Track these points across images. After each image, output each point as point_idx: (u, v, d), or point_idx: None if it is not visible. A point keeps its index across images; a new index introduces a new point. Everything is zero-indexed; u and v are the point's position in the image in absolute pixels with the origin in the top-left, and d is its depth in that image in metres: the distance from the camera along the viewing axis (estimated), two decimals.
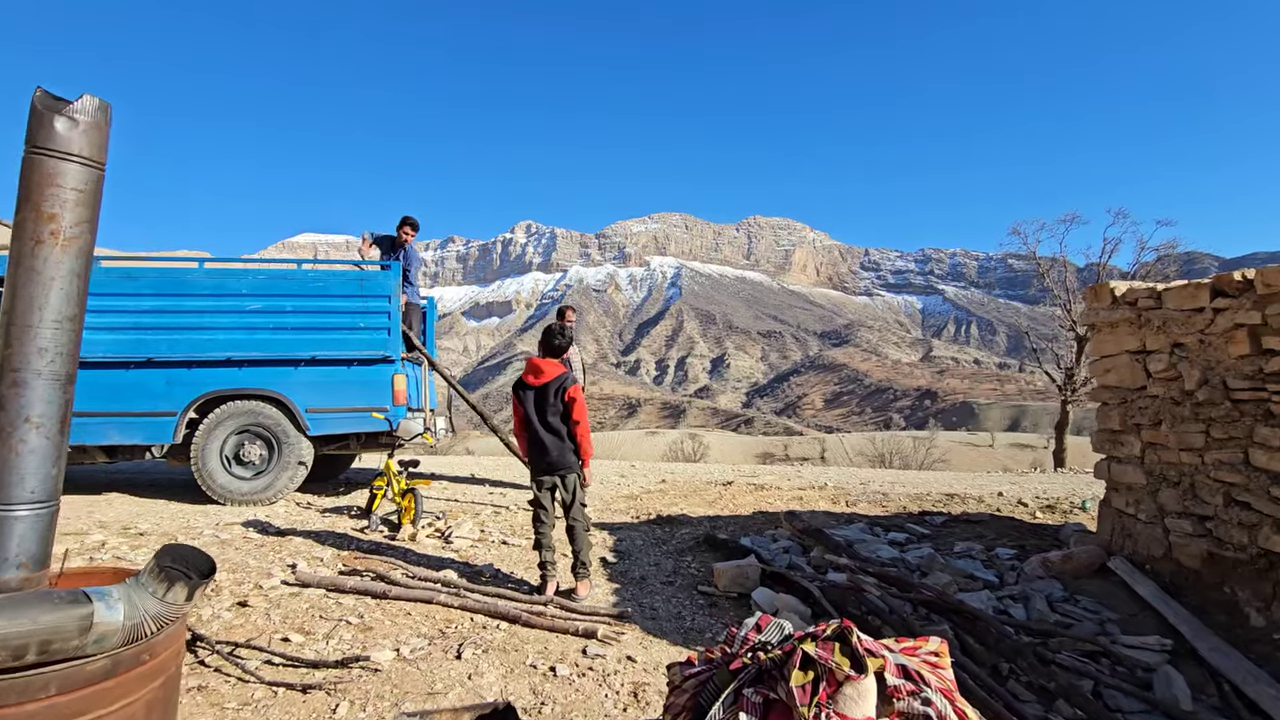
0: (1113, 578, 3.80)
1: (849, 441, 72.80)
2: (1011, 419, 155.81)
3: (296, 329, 5.92)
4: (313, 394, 5.96)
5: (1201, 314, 3.50)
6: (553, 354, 3.95)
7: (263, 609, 3.54)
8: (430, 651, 3.13)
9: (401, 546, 4.74)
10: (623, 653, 3.17)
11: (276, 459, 5.92)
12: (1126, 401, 4.00)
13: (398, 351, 6.12)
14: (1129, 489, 4.00)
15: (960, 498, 7.28)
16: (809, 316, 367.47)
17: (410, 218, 7.14)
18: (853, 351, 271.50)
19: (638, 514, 6.01)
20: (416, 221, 7.13)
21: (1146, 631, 3.32)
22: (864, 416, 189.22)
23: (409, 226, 7.07)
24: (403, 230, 7.04)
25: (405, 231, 7.05)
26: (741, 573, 3.97)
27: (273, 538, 4.84)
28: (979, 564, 4.31)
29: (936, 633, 3.20)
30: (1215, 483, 3.44)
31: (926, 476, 10.44)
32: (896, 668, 1.79)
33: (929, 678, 1.80)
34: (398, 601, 3.68)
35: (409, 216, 7.14)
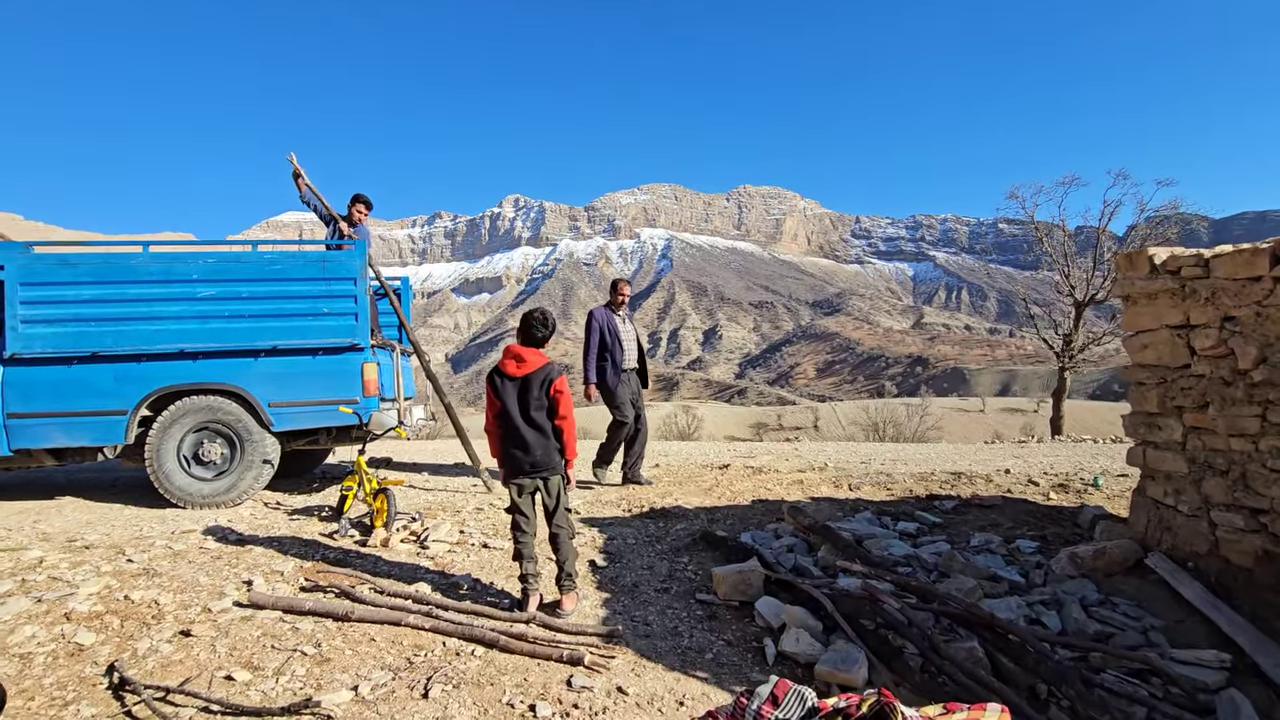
0: (1151, 576, 3.46)
1: (842, 410, 72.88)
2: (1002, 384, 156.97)
3: (254, 317, 5.44)
4: (276, 387, 5.51)
5: (1259, 283, 3.10)
6: (534, 343, 3.52)
7: (208, 639, 3.14)
8: (394, 689, 2.75)
9: (372, 554, 4.34)
10: (612, 683, 2.81)
11: (239, 458, 5.49)
12: (1166, 381, 3.61)
13: (367, 338, 5.66)
14: (1168, 478, 3.64)
15: (968, 477, 6.95)
16: (800, 286, 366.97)
17: (363, 195, 6.62)
18: (844, 320, 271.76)
19: (629, 506, 5.64)
20: (369, 200, 6.60)
21: (1194, 640, 2.98)
22: (856, 385, 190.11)
23: (362, 204, 6.56)
24: (355, 208, 6.52)
25: (358, 210, 6.53)
26: (743, 579, 3.61)
27: (231, 547, 4.44)
28: (1000, 559, 3.97)
29: (965, 650, 2.85)
30: (1272, 472, 3.08)
31: (928, 451, 10.14)
32: None
33: None
34: (362, 624, 3.29)
35: (361, 194, 6.62)
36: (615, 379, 6.18)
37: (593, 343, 6.23)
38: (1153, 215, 19.46)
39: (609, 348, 6.20)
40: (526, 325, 3.54)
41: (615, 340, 6.21)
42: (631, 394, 6.33)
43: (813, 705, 1.53)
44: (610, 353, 6.18)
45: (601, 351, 6.20)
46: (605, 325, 6.24)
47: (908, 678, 2.69)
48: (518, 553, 3.52)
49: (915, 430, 34.58)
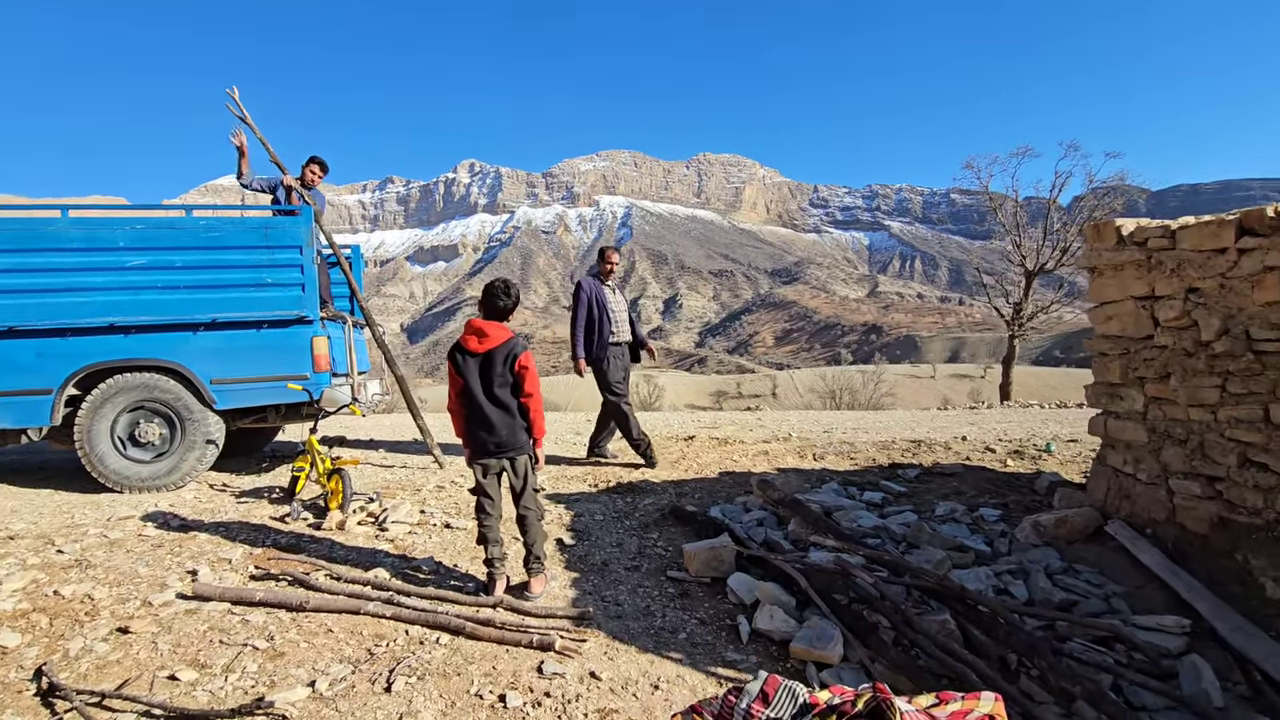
0: (1111, 543, 3.54)
1: (799, 378, 74.23)
2: (952, 350, 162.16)
3: (191, 287, 5.07)
4: (217, 362, 5.17)
5: (1224, 255, 3.12)
6: (497, 316, 3.33)
7: (149, 636, 2.93)
8: (354, 683, 2.61)
9: (327, 538, 4.15)
10: (585, 668, 2.72)
11: (180, 438, 5.17)
12: (1129, 353, 3.65)
13: (316, 310, 5.35)
14: (1128, 447, 3.71)
15: (927, 444, 7.07)
16: (759, 255, 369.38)
17: (318, 157, 6.22)
18: (802, 289, 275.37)
19: (596, 481, 5.54)
20: (325, 163, 6.21)
21: (1154, 605, 3.06)
22: (813, 352, 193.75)
23: (317, 166, 6.16)
24: (309, 169, 6.13)
25: (312, 171, 6.14)
26: (715, 555, 3.56)
27: (174, 534, 4.18)
28: (965, 528, 4.02)
29: (937, 623, 2.85)
30: (1229, 441, 3.15)
31: (886, 419, 10.32)
32: None
33: None
34: (318, 614, 3.13)
35: (317, 156, 6.23)
36: (604, 354, 5.82)
37: (580, 315, 5.83)
38: (1099, 186, 20.02)
39: (597, 320, 5.83)
40: (489, 296, 3.35)
41: (604, 312, 5.84)
42: (624, 370, 5.98)
43: (804, 702, 1.46)
44: (599, 326, 5.81)
45: (590, 325, 5.83)
46: (594, 296, 5.84)
47: (883, 653, 2.68)
48: (482, 536, 3.38)
49: (870, 397, 35.46)
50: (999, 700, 1.49)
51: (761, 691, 1.49)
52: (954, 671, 2.55)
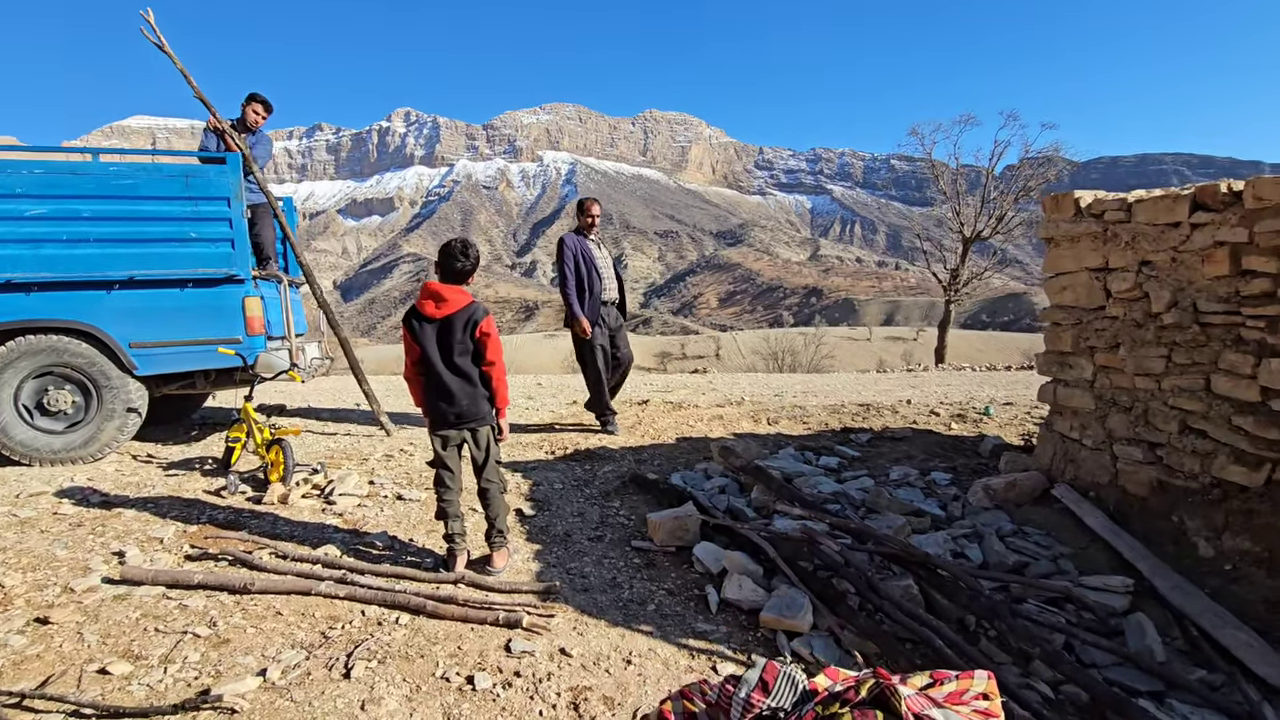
0: (1056, 505, 3.70)
1: (743, 340, 75.54)
2: (887, 314, 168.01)
3: (102, 241, 4.58)
4: (137, 324, 4.73)
5: (1177, 229, 3.21)
6: (455, 279, 3.11)
7: (73, 626, 2.69)
8: (310, 669, 2.46)
9: (269, 513, 3.91)
10: (555, 645, 2.65)
11: (97, 406, 4.74)
12: (1081, 323, 3.76)
13: (247, 268, 4.95)
14: (1075, 413, 3.86)
15: (875, 408, 7.25)
16: (705, 216, 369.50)
17: (260, 95, 5.66)
18: (746, 251, 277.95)
19: (553, 448, 5.43)
20: (268, 101, 5.67)
21: (1098, 566, 3.22)
22: (756, 314, 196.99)
23: (259, 105, 5.62)
24: (250, 109, 5.59)
25: (254, 111, 5.61)
26: (680, 524, 3.53)
27: (95, 511, 3.86)
28: (919, 493, 4.13)
29: (901, 588, 2.91)
30: (1171, 409, 3.30)
31: (833, 382, 10.55)
32: None
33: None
34: (265, 596, 2.94)
35: (258, 94, 5.66)
36: (594, 314, 5.52)
37: (569, 274, 5.49)
38: (1034, 156, 20.72)
39: (584, 278, 5.48)
40: (446, 257, 3.13)
41: (591, 268, 5.48)
42: (610, 330, 5.70)
43: (804, 689, 1.42)
44: (589, 284, 5.47)
45: (580, 283, 5.48)
46: (578, 252, 5.50)
47: (852, 620, 2.72)
48: (441, 510, 3.23)
49: (811, 359, 36.40)
50: (991, 678, 1.50)
51: (761, 680, 1.44)
52: (919, 636, 2.61)
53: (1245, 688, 2.33)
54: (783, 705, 1.40)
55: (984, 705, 1.45)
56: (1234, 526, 2.98)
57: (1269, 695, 2.37)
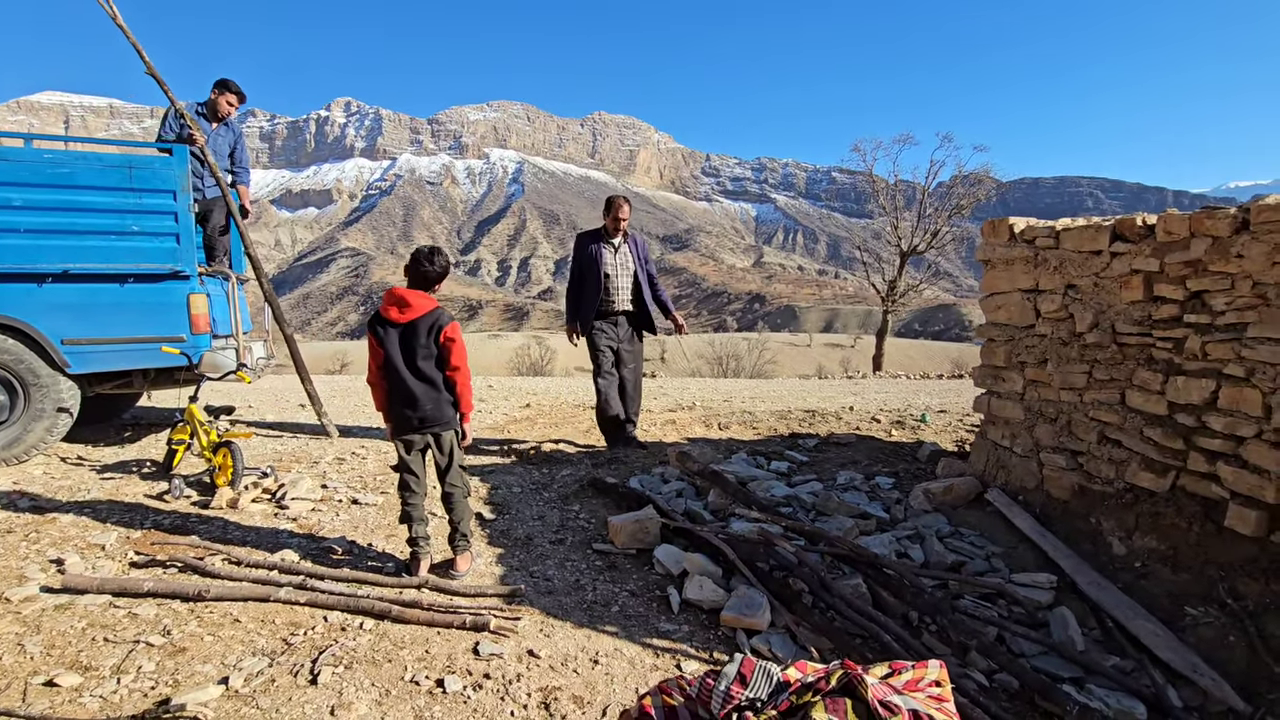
0: (989, 508, 3.98)
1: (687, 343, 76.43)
2: (826, 321, 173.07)
3: (32, 232, 4.34)
4: (71, 320, 4.50)
5: (1099, 257, 3.52)
6: (421, 285, 3.13)
7: (13, 637, 2.57)
8: (274, 677, 2.43)
9: (219, 518, 3.79)
10: (522, 647, 2.71)
11: (24, 406, 4.48)
12: (1014, 340, 4.07)
13: (193, 264, 4.77)
14: (1007, 423, 4.16)
15: (820, 414, 7.55)
16: (652, 220, 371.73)
17: (233, 83, 5.45)
18: (692, 256, 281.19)
19: (509, 452, 5.45)
20: (241, 90, 5.48)
21: (1026, 564, 3.49)
22: (701, 319, 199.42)
23: (232, 94, 5.42)
24: (223, 98, 5.36)
25: (227, 101, 5.42)
26: (641, 527, 3.63)
27: (26, 516, 3.66)
28: (865, 496, 4.36)
29: (851, 587, 3.09)
30: (1091, 421, 3.61)
31: (779, 388, 10.89)
32: (910, 714, 1.48)
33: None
34: (221, 604, 2.87)
35: (231, 82, 5.44)
36: (589, 325, 5.18)
37: (572, 277, 5.23)
38: (966, 175, 21.87)
39: (586, 282, 5.14)
40: (413, 263, 3.15)
41: (598, 273, 5.09)
42: (615, 342, 5.26)
43: (779, 680, 1.54)
44: (592, 289, 5.11)
45: (582, 288, 5.16)
46: (585, 256, 5.15)
47: (807, 618, 2.87)
48: (405, 515, 3.23)
49: (755, 364, 37.23)
50: (943, 667, 1.65)
51: (739, 673, 1.55)
52: (868, 631, 2.79)
53: (1153, 672, 2.60)
54: (759, 696, 1.51)
55: (937, 691, 1.61)
56: (1143, 527, 3.29)
57: (1173, 679, 2.65)
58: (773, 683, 1.54)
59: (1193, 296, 3.11)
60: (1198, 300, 3.09)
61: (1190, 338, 3.07)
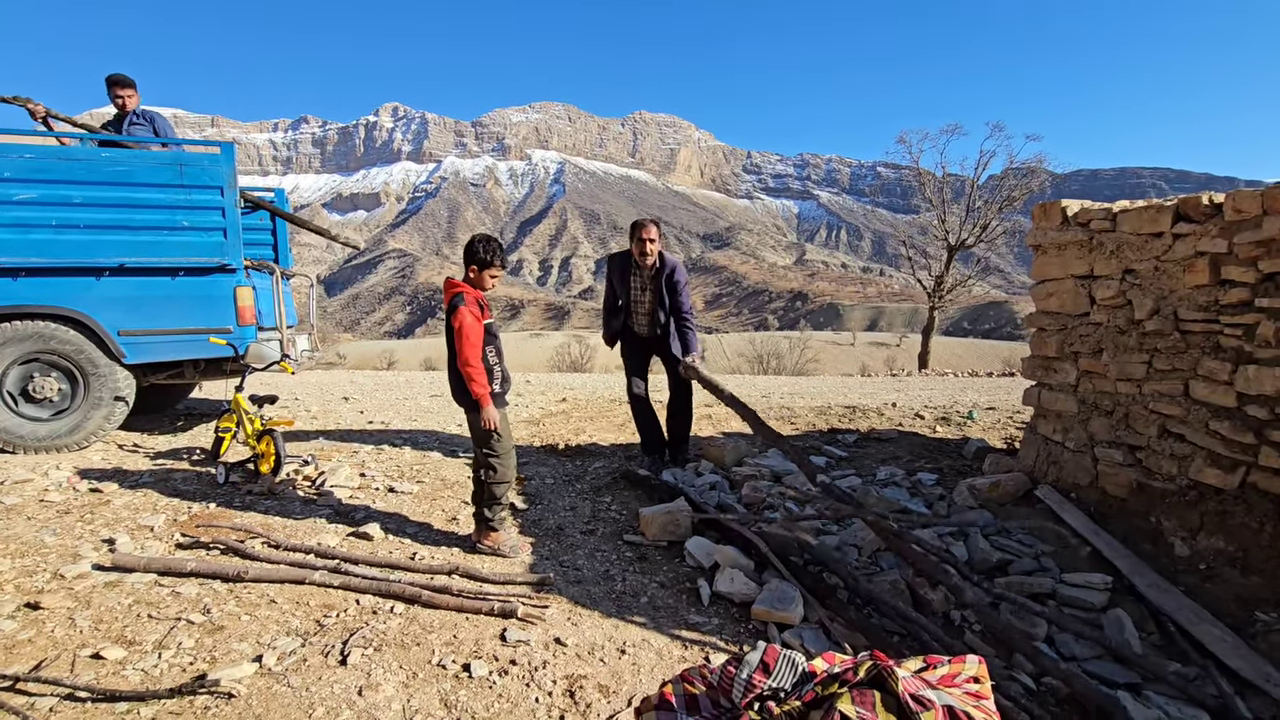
0: (1039, 506, 3.79)
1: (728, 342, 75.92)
2: (871, 319, 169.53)
3: (92, 227, 4.53)
4: (126, 312, 4.69)
5: (1160, 239, 3.31)
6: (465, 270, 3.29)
7: (64, 611, 2.67)
8: (305, 656, 2.47)
9: (260, 503, 3.89)
10: (549, 634, 2.69)
11: (84, 394, 4.69)
12: (1066, 329, 3.87)
13: (239, 258, 4.92)
14: (1059, 417, 3.96)
15: (861, 410, 7.35)
16: (692, 218, 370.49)
17: (117, 76, 5.23)
18: (732, 254, 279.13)
19: (542, 444, 5.46)
20: (122, 76, 5.23)
21: (1079, 563, 3.30)
22: (741, 317, 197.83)
23: (120, 87, 5.22)
24: (115, 94, 5.23)
25: (118, 95, 5.23)
26: (672, 519, 3.57)
27: (84, 499, 3.83)
28: (905, 492, 4.21)
29: (887, 582, 2.98)
30: (1151, 414, 3.40)
31: (819, 385, 10.67)
32: (944, 710, 1.39)
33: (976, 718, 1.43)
34: (258, 585, 2.94)
35: (115, 75, 5.24)
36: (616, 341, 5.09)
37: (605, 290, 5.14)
38: (1019, 166, 21.07)
39: (618, 299, 4.97)
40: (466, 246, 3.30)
41: (626, 295, 4.89)
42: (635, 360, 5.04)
43: (804, 670, 1.47)
44: (622, 308, 4.95)
45: (613, 307, 5.01)
46: (613, 273, 4.98)
47: (841, 613, 2.77)
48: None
49: (796, 363, 36.71)
50: (982, 663, 1.55)
51: (762, 662, 1.49)
52: (907, 629, 2.68)
53: (1219, 681, 2.42)
54: (783, 685, 1.45)
55: (975, 688, 1.51)
56: (1209, 527, 3.08)
57: (1241, 689, 2.46)
58: (797, 672, 1.47)
59: (1266, 279, 2.89)
60: (1271, 283, 2.87)
61: (1263, 323, 2.86)
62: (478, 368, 3.20)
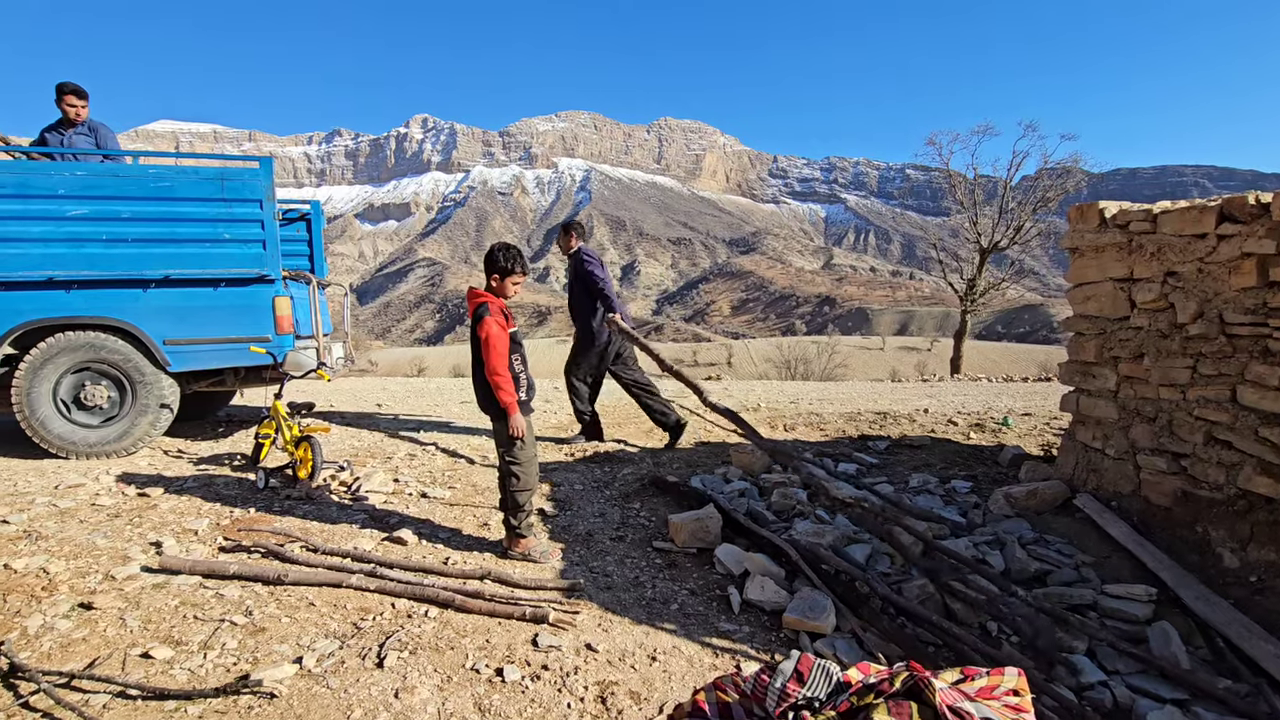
0: (1079, 515, 3.70)
1: (755, 347, 75.48)
2: (901, 323, 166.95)
3: (140, 241, 4.72)
4: (171, 322, 4.86)
5: (1203, 240, 3.22)
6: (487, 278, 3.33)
7: (115, 611, 2.78)
8: (343, 659, 2.52)
9: (299, 508, 3.99)
10: (580, 640, 2.70)
11: (131, 402, 4.86)
12: (1105, 333, 3.77)
13: (278, 269, 5.06)
14: (1098, 423, 3.86)
15: (892, 416, 7.25)
16: (718, 223, 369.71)
17: (69, 84, 5.13)
18: (759, 259, 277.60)
19: (571, 450, 5.50)
20: (78, 87, 5.15)
21: (1120, 575, 3.21)
22: (768, 322, 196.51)
23: (73, 95, 5.13)
24: (64, 102, 5.13)
25: (69, 104, 5.12)
26: (701, 526, 3.57)
27: (131, 503, 3.96)
28: (939, 500, 4.14)
29: (916, 588, 2.93)
30: (1196, 420, 3.30)
31: (849, 390, 10.55)
32: None
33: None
34: (298, 588, 3.01)
35: (66, 84, 5.14)
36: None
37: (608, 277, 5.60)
38: (1053, 167, 20.61)
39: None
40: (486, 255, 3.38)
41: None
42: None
43: (839, 680, 1.46)
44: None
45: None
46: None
47: (875, 623, 2.74)
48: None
49: (824, 368, 36.32)
50: (1022, 675, 1.53)
51: (796, 671, 1.48)
52: (943, 640, 2.63)
53: (1273, 699, 2.33)
54: (818, 695, 1.44)
55: (1015, 701, 1.49)
56: (1260, 538, 2.97)
57: None
58: (832, 682, 1.47)
59: None
60: None
61: None
62: (505, 376, 3.24)
